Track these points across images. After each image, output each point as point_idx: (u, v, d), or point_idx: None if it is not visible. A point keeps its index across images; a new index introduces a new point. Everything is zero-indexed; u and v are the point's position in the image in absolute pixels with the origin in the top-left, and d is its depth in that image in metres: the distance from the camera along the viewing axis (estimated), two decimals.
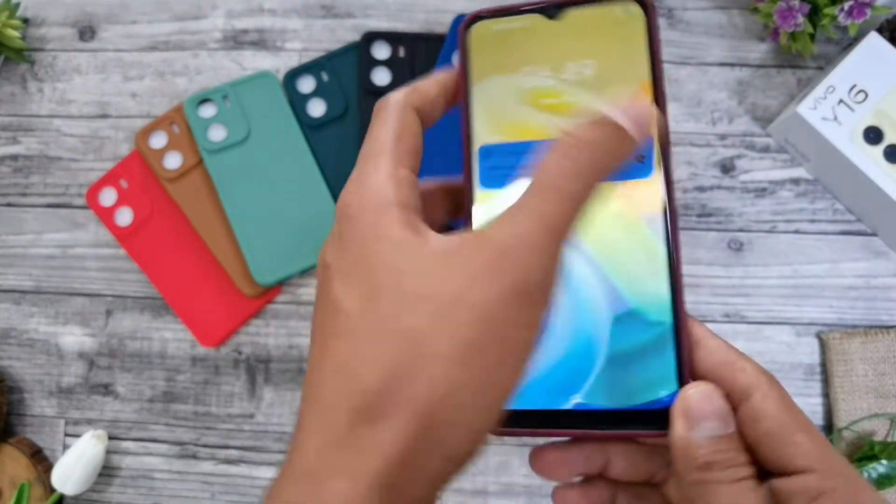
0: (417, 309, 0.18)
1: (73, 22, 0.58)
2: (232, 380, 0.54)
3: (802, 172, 0.54)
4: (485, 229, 0.19)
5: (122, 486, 0.54)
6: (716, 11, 0.57)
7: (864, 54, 0.51)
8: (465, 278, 0.18)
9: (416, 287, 0.19)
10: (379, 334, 0.18)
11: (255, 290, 0.53)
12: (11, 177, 0.57)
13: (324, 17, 0.58)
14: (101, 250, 0.56)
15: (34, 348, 0.55)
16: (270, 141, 0.55)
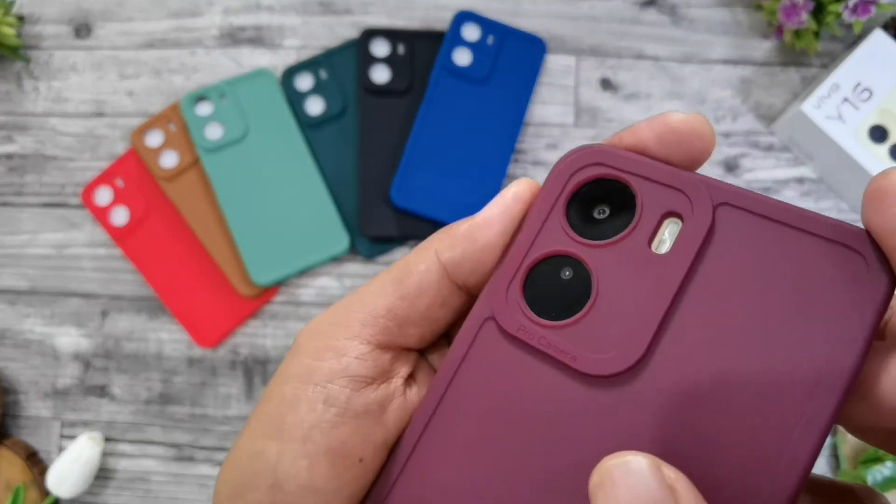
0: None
1: (69, 19, 0.58)
2: (229, 381, 0.53)
3: (807, 171, 0.54)
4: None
5: (118, 488, 0.53)
6: (719, 9, 0.56)
7: (868, 52, 0.50)
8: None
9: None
10: None
11: (253, 291, 0.53)
12: (6, 176, 0.56)
13: (322, 13, 0.57)
14: (97, 250, 0.55)
15: (29, 349, 0.54)
16: (268, 140, 0.54)
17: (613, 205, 0.16)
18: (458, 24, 0.55)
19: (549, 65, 0.56)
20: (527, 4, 0.56)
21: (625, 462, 0.13)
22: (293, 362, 0.18)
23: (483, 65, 0.55)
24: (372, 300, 0.18)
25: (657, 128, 0.16)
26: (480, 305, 0.17)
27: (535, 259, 0.16)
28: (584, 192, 0.16)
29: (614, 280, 0.15)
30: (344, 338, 0.18)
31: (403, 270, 0.18)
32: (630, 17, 0.56)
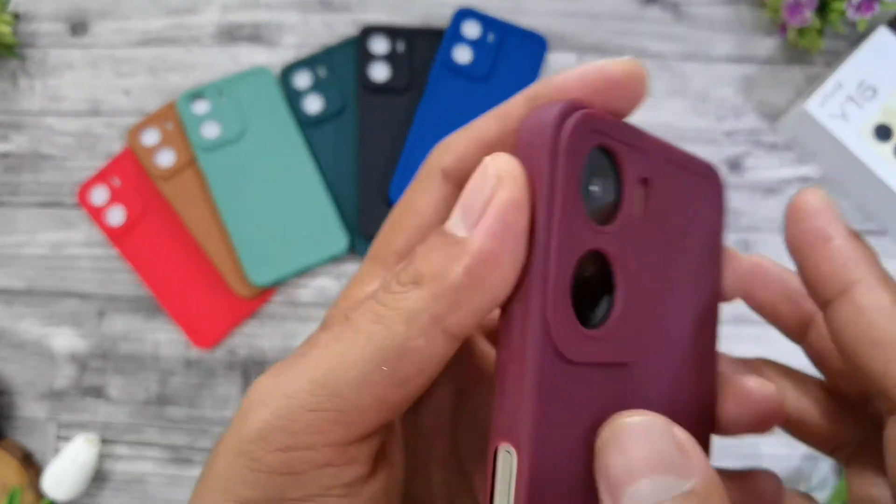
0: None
1: (65, 17, 0.57)
2: (227, 382, 0.53)
3: (811, 170, 0.53)
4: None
5: (114, 490, 0.53)
6: (723, 6, 0.55)
7: (873, 50, 0.50)
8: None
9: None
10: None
11: (250, 291, 0.52)
12: (2, 175, 0.56)
13: (321, 11, 0.57)
14: (94, 250, 0.55)
15: (25, 350, 0.54)
16: (266, 138, 0.54)
17: (603, 177, 0.14)
18: (458, 22, 0.54)
19: (549, 62, 0.55)
20: (527, 1, 0.56)
21: (638, 420, 0.13)
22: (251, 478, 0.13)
23: (483, 62, 0.54)
24: (353, 394, 0.13)
25: (592, 80, 0.14)
26: (540, 345, 0.13)
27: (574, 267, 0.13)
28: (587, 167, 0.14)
29: (626, 263, 0.15)
30: (323, 446, 0.13)
31: (391, 349, 0.13)
32: (632, 14, 0.56)
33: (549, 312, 0.13)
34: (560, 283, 0.13)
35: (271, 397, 0.14)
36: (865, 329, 0.14)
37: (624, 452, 0.13)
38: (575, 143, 0.13)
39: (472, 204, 0.13)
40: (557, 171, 0.13)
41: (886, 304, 0.14)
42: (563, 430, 0.13)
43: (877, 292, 0.14)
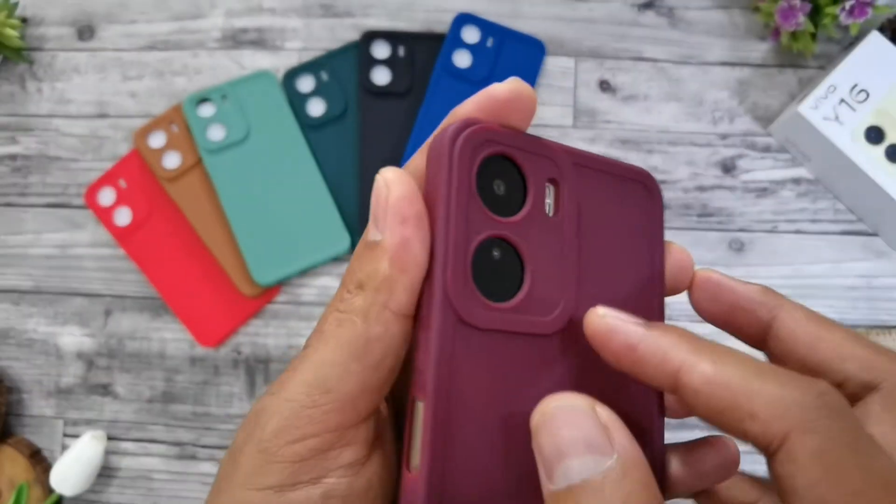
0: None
1: (72, 21, 0.58)
2: (231, 380, 0.54)
3: (804, 172, 0.54)
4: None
5: (121, 486, 0.53)
6: (717, 11, 0.56)
7: (865, 54, 0.51)
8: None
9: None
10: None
11: (255, 290, 0.53)
12: (10, 176, 0.57)
13: (323, 16, 0.58)
14: (100, 250, 0.55)
15: (33, 348, 0.55)
16: (269, 141, 0.55)
17: (506, 179, 0.17)
18: (457, 27, 0.55)
19: (548, 66, 0.56)
20: (526, 7, 0.57)
21: (563, 403, 0.15)
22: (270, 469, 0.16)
23: (483, 66, 0.55)
24: (341, 385, 0.16)
25: (484, 103, 0.17)
26: (441, 313, 0.16)
27: (474, 249, 0.16)
28: (483, 169, 0.17)
29: (533, 249, 0.17)
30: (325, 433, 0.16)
31: (359, 342, 0.16)
32: (628, 19, 0.56)
33: (448, 284, 0.15)
34: (458, 259, 0.16)
35: (277, 406, 0.16)
36: (710, 402, 0.15)
37: (552, 435, 0.14)
38: (466, 149, 0.16)
39: (377, 213, 0.16)
40: (452, 172, 0.16)
41: (712, 373, 0.15)
42: (470, 384, 0.16)
43: (702, 366, 0.15)
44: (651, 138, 0.55)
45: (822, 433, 0.13)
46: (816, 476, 0.13)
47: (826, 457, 0.13)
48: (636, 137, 0.55)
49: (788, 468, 0.13)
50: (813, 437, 0.13)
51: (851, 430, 0.13)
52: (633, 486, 0.14)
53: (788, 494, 0.13)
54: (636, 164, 0.21)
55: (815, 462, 0.13)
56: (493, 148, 0.17)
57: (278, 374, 0.54)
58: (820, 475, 0.13)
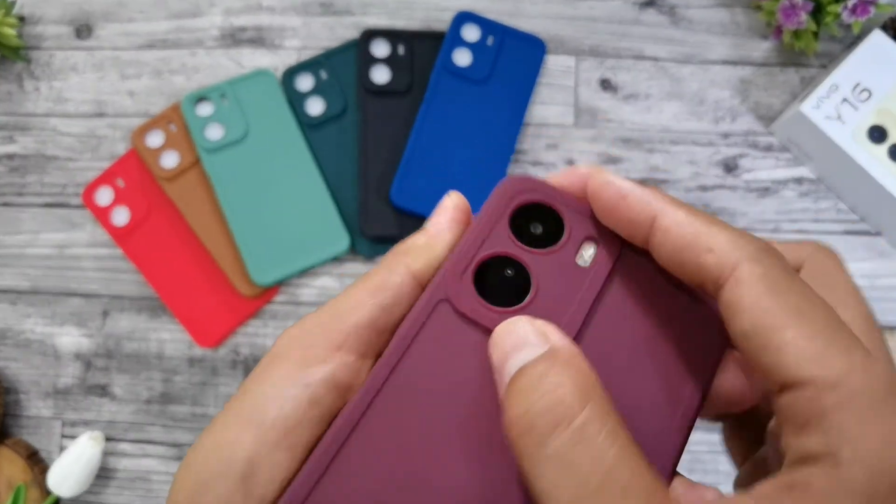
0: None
1: (70, 20, 0.58)
2: (230, 381, 0.53)
3: (806, 172, 0.54)
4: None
5: (119, 488, 0.53)
6: (719, 9, 0.56)
7: (867, 52, 0.50)
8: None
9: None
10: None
11: (253, 291, 0.53)
12: (7, 176, 0.56)
13: (322, 14, 0.57)
14: (98, 250, 0.55)
15: (30, 349, 0.55)
16: (268, 140, 0.54)
17: (546, 225, 0.19)
18: (458, 25, 0.55)
19: (548, 65, 0.56)
20: (527, 5, 0.57)
21: (505, 323, 0.17)
22: (276, 364, 0.18)
23: (483, 65, 0.55)
24: (351, 313, 0.18)
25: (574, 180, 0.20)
26: (433, 290, 0.18)
27: (485, 256, 0.19)
28: (523, 211, 0.19)
29: (548, 281, 0.19)
30: (329, 347, 0.18)
31: (378, 283, 0.19)
32: (629, 17, 0.56)
33: (448, 268, 0.18)
34: (466, 256, 0.19)
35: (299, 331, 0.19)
36: (676, 240, 0.17)
37: (499, 346, 0.17)
38: (506, 191, 0.19)
39: (433, 214, 0.20)
40: (491, 201, 0.19)
41: (683, 217, 0.17)
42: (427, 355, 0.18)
43: (676, 213, 0.17)
44: (652, 137, 0.55)
45: (766, 264, 0.16)
46: (760, 292, 0.15)
47: (768, 279, 0.15)
48: (637, 136, 0.55)
49: (737, 290, 0.16)
50: (758, 265, 0.16)
51: (787, 266, 0.16)
52: (565, 367, 0.15)
53: (737, 313, 0.15)
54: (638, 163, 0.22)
55: (760, 282, 0.15)
56: (537, 196, 0.19)
57: None
58: (763, 291, 0.15)
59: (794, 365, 0.14)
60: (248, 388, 0.18)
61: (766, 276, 0.15)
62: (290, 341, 0.18)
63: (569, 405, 0.15)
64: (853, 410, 0.14)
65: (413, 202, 0.53)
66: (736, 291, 0.16)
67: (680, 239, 0.17)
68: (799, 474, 0.14)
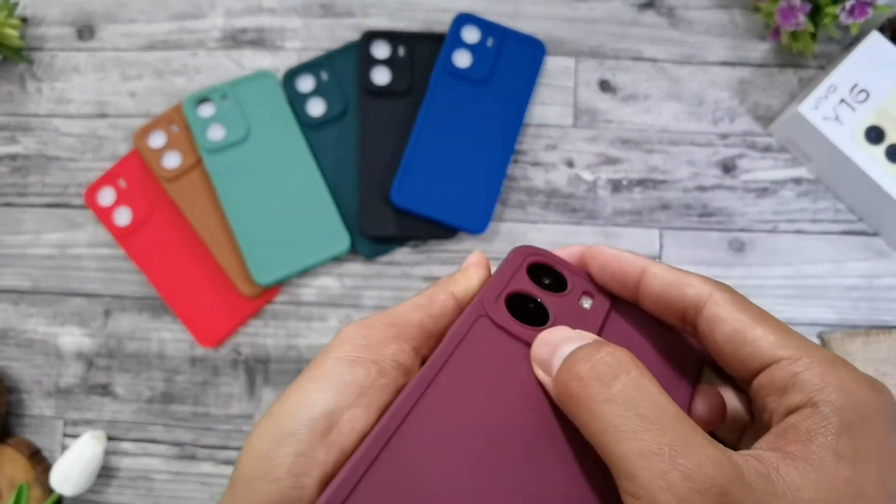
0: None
1: (72, 21, 0.58)
2: (231, 380, 0.54)
3: (804, 172, 0.54)
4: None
5: (120, 486, 0.53)
6: (717, 10, 0.56)
7: (865, 53, 0.51)
8: None
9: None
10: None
11: (254, 290, 0.53)
12: (9, 176, 0.57)
13: (323, 16, 0.57)
14: (100, 250, 0.55)
15: (32, 349, 0.55)
16: (269, 141, 0.55)
17: (553, 279, 0.24)
18: (457, 26, 0.55)
19: (548, 66, 0.56)
20: (526, 6, 0.57)
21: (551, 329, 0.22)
22: (343, 345, 0.21)
23: (483, 66, 0.55)
24: (405, 315, 0.22)
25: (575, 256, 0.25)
26: (473, 307, 0.22)
27: (513, 290, 0.23)
28: (534, 268, 0.24)
29: (562, 315, 0.23)
30: (389, 335, 0.22)
31: (427, 297, 0.23)
32: (628, 18, 0.56)
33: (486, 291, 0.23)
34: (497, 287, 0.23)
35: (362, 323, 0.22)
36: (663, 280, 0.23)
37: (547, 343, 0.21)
38: (521, 252, 0.24)
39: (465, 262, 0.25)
40: (509, 259, 0.24)
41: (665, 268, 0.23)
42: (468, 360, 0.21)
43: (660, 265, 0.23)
44: (651, 138, 0.55)
45: (730, 292, 0.21)
46: (732, 308, 0.21)
47: (735, 301, 0.21)
48: (636, 137, 0.55)
49: (715, 309, 0.21)
50: (726, 293, 0.21)
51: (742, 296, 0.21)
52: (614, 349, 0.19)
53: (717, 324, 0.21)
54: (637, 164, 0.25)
55: (730, 303, 0.21)
56: (543, 258, 0.24)
57: (278, 374, 0.54)
58: (734, 308, 0.21)
59: (767, 349, 0.20)
60: (319, 363, 0.21)
61: (733, 299, 0.21)
62: (356, 329, 0.22)
63: (625, 362, 0.19)
64: (816, 371, 0.19)
65: (413, 202, 0.53)
66: (714, 310, 0.21)
67: (665, 280, 0.22)
68: (788, 422, 0.18)
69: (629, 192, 0.54)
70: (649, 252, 0.54)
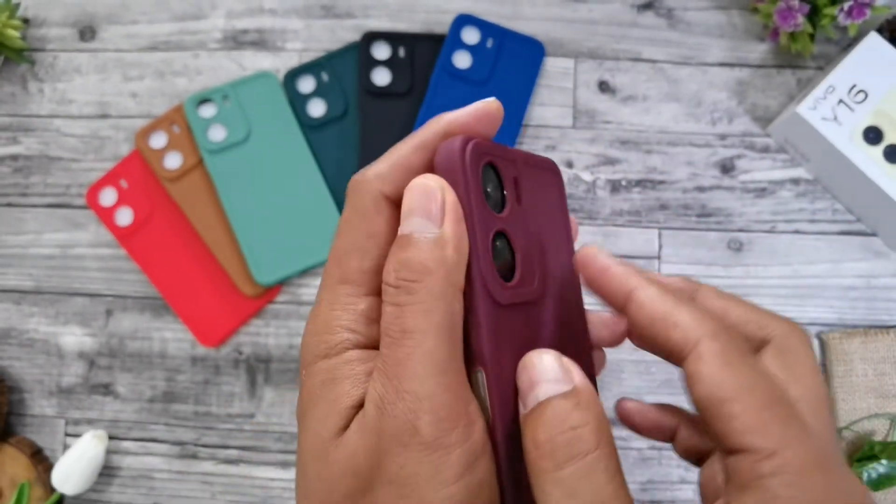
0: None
1: (74, 22, 0.59)
2: (232, 380, 0.54)
3: (802, 172, 0.55)
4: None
5: (122, 486, 0.54)
6: (716, 11, 0.57)
7: (863, 54, 0.51)
8: None
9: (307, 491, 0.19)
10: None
11: (256, 290, 0.53)
12: (11, 177, 0.57)
13: (324, 17, 0.58)
14: (102, 250, 0.56)
15: (34, 348, 0.55)
16: (270, 141, 0.55)
17: (493, 182, 0.22)
18: (457, 27, 0.56)
19: (547, 67, 0.56)
20: (526, 8, 0.57)
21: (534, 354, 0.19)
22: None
23: (482, 67, 0.55)
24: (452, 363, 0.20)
25: (479, 113, 0.22)
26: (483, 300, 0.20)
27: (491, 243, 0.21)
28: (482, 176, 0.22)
29: (517, 235, 0.21)
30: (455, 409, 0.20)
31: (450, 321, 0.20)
32: (627, 20, 0.57)
33: (484, 275, 0.20)
34: (485, 254, 0.20)
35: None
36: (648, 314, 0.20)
37: (526, 373, 0.19)
38: (474, 162, 0.20)
39: (433, 211, 0.19)
40: (469, 182, 0.20)
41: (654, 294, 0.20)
42: (506, 351, 0.20)
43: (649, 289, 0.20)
44: (650, 139, 0.55)
45: (723, 341, 0.18)
46: (716, 367, 0.18)
47: (724, 355, 0.18)
48: (635, 138, 0.55)
49: (697, 364, 0.18)
50: (716, 342, 0.18)
51: (743, 344, 0.19)
52: (587, 409, 0.18)
53: (696, 383, 0.18)
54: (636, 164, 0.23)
55: (717, 358, 0.18)
56: (486, 158, 0.21)
57: (279, 373, 0.54)
58: (719, 366, 0.18)
59: (740, 434, 0.17)
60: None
61: (723, 352, 0.18)
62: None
63: (586, 442, 0.17)
64: (783, 479, 0.16)
65: None
66: (696, 365, 0.18)
67: (652, 313, 0.19)
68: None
69: (628, 192, 0.55)
70: (648, 252, 0.54)
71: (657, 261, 0.54)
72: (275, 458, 0.53)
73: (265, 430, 0.53)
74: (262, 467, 0.53)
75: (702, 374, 0.18)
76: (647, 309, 0.19)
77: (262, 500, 0.53)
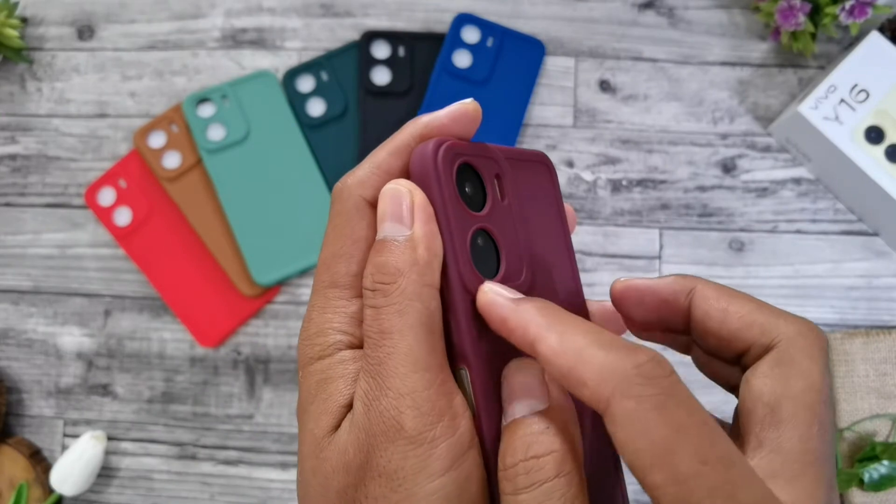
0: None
1: (72, 21, 0.58)
2: (231, 380, 0.54)
3: (804, 172, 0.54)
4: None
5: (120, 486, 0.53)
6: (717, 10, 0.56)
7: (865, 54, 0.51)
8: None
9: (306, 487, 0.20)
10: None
11: (255, 291, 0.53)
12: (10, 176, 0.57)
13: (323, 16, 0.58)
14: (100, 250, 0.55)
15: (32, 348, 0.55)
16: (269, 140, 0.55)
17: (471, 181, 0.22)
18: (457, 27, 0.55)
19: (548, 66, 0.56)
20: (526, 7, 0.57)
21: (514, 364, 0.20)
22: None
23: (483, 66, 0.55)
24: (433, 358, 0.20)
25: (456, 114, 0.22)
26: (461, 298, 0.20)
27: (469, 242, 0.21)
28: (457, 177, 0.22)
29: (500, 231, 0.22)
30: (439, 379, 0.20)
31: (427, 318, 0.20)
32: (628, 19, 0.56)
33: (461, 272, 0.20)
34: (462, 252, 0.20)
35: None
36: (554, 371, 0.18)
37: (508, 383, 0.19)
38: (447, 163, 0.21)
39: (402, 213, 0.20)
40: (442, 183, 0.20)
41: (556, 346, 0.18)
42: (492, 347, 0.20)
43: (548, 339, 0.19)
44: (651, 138, 0.55)
45: (635, 398, 0.16)
46: (631, 434, 0.16)
47: (636, 416, 0.16)
48: (636, 137, 0.55)
49: (612, 428, 0.16)
50: (628, 402, 0.16)
51: (662, 395, 0.16)
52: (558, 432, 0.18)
53: (618, 448, 0.17)
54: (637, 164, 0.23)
55: (629, 422, 0.16)
56: (461, 159, 0.21)
57: (278, 374, 0.54)
58: (634, 434, 0.16)
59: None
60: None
61: (636, 412, 0.16)
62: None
63: (546, 472, 0.17)
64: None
65: None
66: (612, 428, 0.17)
67: (558, 370, 0.17)
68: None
69: (629, 192, 0.54)
70: (650, 252, 0.54)
71: (658, 261, 0.54)
72: (274, 459, 0.53)
73: (264, 430, 0.53)
74: (261, 468, 0.53)
75: (618, 439, 0.16)
76: (553, 365, 0.18)
77: (261, 500, 0.53)
